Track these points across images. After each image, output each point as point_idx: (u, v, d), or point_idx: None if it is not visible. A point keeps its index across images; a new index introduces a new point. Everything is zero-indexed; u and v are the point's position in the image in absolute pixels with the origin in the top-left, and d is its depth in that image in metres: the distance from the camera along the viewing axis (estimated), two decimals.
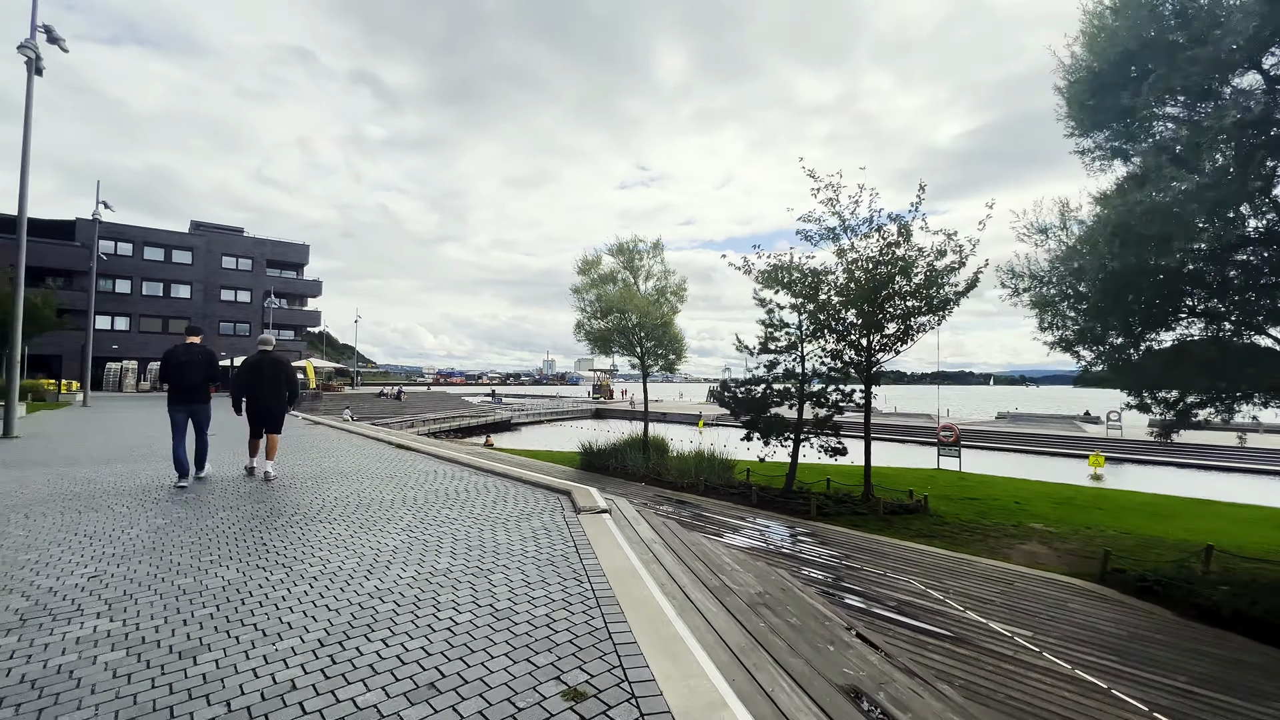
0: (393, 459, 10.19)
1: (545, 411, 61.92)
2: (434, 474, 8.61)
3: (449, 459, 10.01)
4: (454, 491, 7.28)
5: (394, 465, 9.44)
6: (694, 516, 12.21)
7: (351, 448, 11.80)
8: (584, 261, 18.51)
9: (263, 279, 55.24)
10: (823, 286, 13.38)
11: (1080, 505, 14.92)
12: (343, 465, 9.32)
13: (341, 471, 8.71)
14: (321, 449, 11.51)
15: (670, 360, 17.85)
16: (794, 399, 13.97)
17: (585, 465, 18.21)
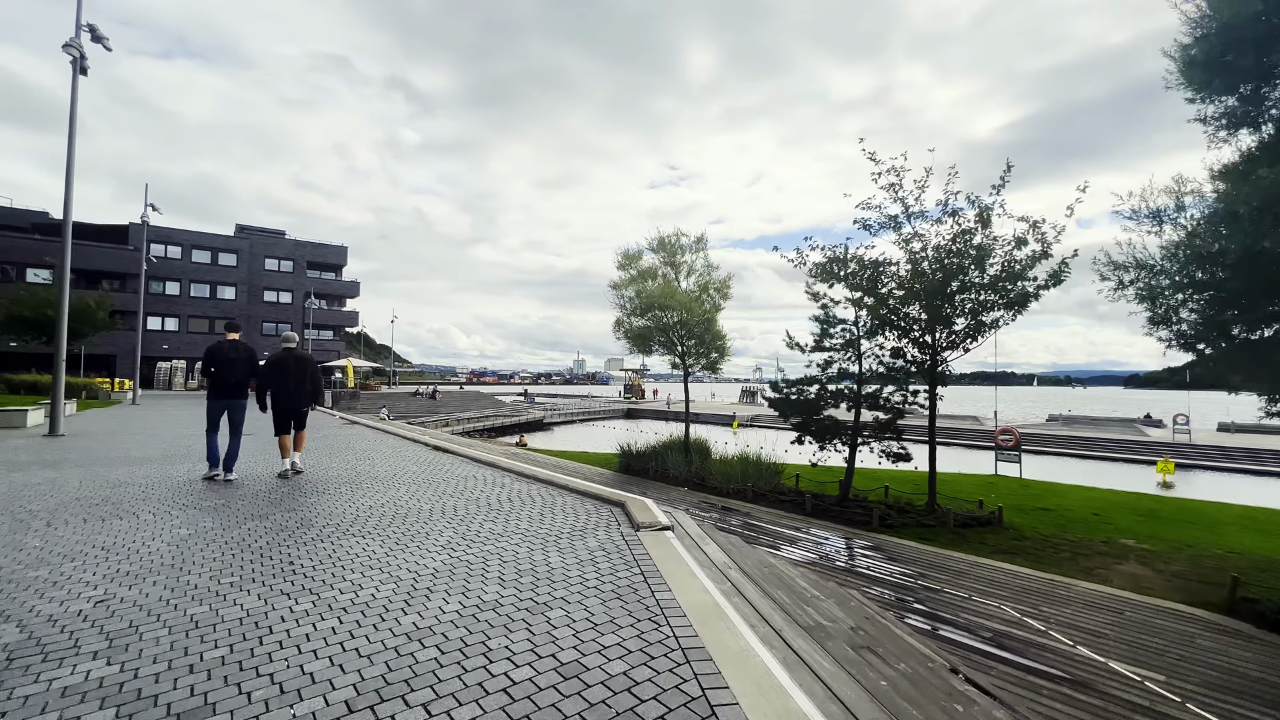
0: (429, 462, 9.70)
1: (577, 411, 61.70)
2: (473, 479, 8.05)
3: (488, 463, 9.47)
4: (496, 500, 6.69)
5: (431, 469, 8.93)
6: (745, 526, 11.43)
7: (387, 449, 11.38)
8: (624, 256, 17.85)
9: (303, 280, 56.36)
10: (883, 279, 12.39)
11: (1167, 518, 13.60)
12: (378, 468, 8.85)
13: (377, 476, 8.23)
14: (357, 450, 11.12)
15: (713, 360, 17.06)
16: (849, 400, 13.05)
17: (624, 468, 17.58)
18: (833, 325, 13.18)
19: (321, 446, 11.51)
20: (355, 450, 11.11)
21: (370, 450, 11.17)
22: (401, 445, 12.12)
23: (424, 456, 10.39)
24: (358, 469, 8.80)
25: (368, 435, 14.10)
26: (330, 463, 9.40)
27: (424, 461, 9.73)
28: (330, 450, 11.04)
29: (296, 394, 8.04)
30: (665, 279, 17.28)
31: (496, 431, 44.74)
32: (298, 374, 8.06)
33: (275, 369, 7.99)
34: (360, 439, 13.18)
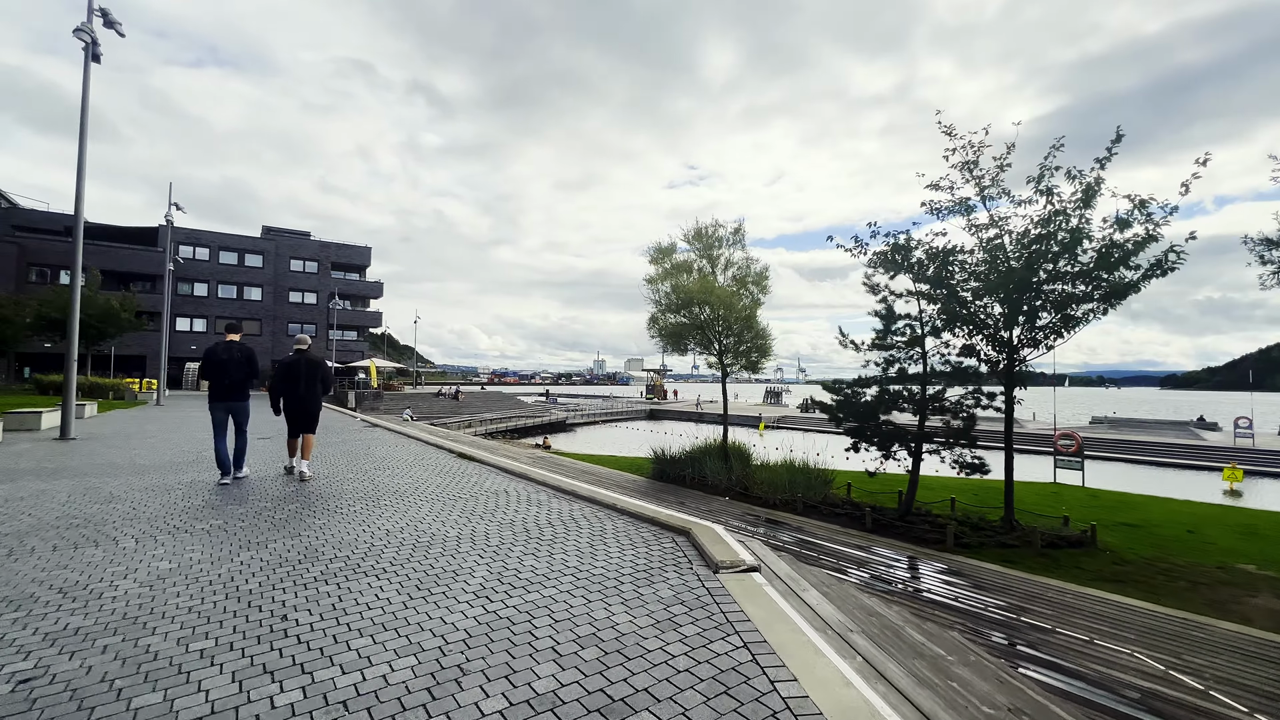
0: (454, 472, 8.75)
1: (599, 412, 60.75)
2: (504, 495, 7.06)
3: (519, 474, 8.48)
4: (535, 525, 5.68)
5: (456, 481, 7.97)
6: (800, 544, 10.29)
7: (409, 456, 10.48)
8: (657, 249, 16.78)
9: (327, 281, 56.41)
10: (955, 269, 11.11)
11: (1271, 537, 12.10)
12: (398, 481, 7.92)
13: (396, 490, 7.29)
14: (377, 457, 10.24)
15: (754, 359, 15.90)
16: (911, 403, 11.80)
17: (657, 474, 16.52)
18: (896, 320, 11.89)
19: (340, 453, 10.67)
20: (374, 457, 10.22)
21: (390, 457, 10.28)
22: (423, 451, 11.23)
23: (447, 465, 9.45)
24: (375, 481, 7.88)
25: (388, 440, 13.26)
26: (347, 472, 8.50)
27: (448, 471, 8.78)
28: (348, 457, 10.17)
29: (308, 396, 7.93)
30: (701, 273, 16.20)
31: (519, 433, 44.06)
32: (309, 376, 7.94)
33: (287, 372, 7.85)
34: (380, 444, 12.33)
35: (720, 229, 16.12)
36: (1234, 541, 11.64)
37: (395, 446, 11.90)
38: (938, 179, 11.50)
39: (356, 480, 7.92)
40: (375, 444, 12.31)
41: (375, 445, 12.07)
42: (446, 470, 8.88)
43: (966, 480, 16.87)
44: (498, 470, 8.98)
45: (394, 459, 10.07)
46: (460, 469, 9.04)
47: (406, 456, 10.43)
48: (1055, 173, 10.00)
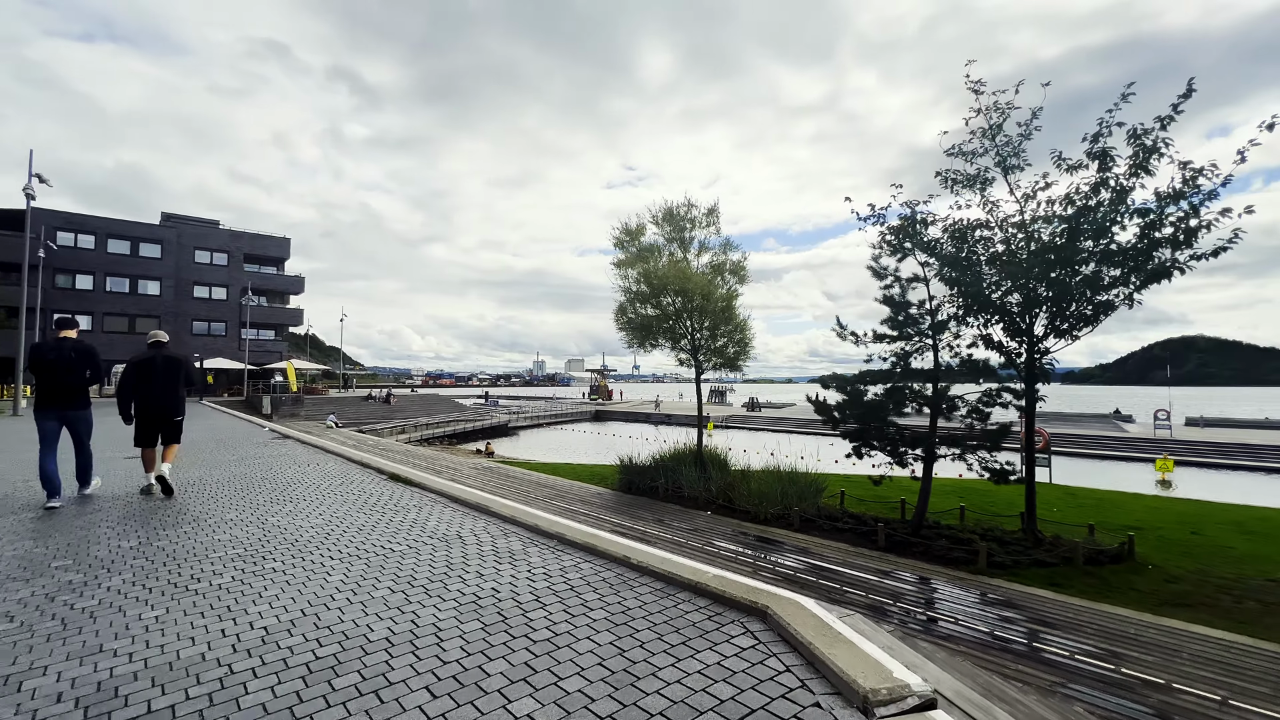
0: (384, 504, 6.53)
1: (543, 414, 58.05)
2: (459, 543, 4.97)
3: (474, 505, 6.36)
4: (514, 603, 3.65)
5: (387, 519, 5.78)
6: (812, 571, 8.66)
7: (325, 479, 8.10)
8: (623, 230, 14.84)
9: (239, 275, 51.03)
10: (977, 246, 9.80)
11: (1272, 535, 11.59)
12: (301, 522, 5.65)
13: (295, 538, 5.05)
14: (280, 483, 7.81)
15: (733, 355, 14.24)
16: (920, 402, 10.44)
17: (625, 486, 14.61)
18: (908, 309, 10.46)
19: (229, 476, 8.14)
20: (276, 483, 7.78)
21: (298, 482, 7.86)
22: (344, 472, 8.84)
23: (375, 492, 7.19)
24: (267, 523, 5.56)
25: (301, 457, 10.69)
26: (230, 510, 6.12)
27: (375, 503, 6.55)
28: (240, 483, 7.68)
29: (165, 400, 6.91)
30: (672, 258, 14.44)
31: (457, 438, 40.99)
32: (168, 377, 6.92)
33: (140, 371, 6.83)
34: (289, 463, 9.79)
35: (694, 209, 14.42)
36: (1242, 542, 11.01)
37: (307, 466, 9.42)
38: (957, 145, 10.22)
39: (239, 522, 5.59)
40: (282, 463, 9.77)
41: (281, 465, 9.54)
42: (373, 501, 6.64)
43: (955, 482, 15.86)
44: (443, 499, 6.81)
45: (303, 485, 7.68)
46: (392, 498, 6.81)
47: (320, 480, 8.05)
48: (1114, 131, 8.76)
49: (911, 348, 10.52)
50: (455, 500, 6.67)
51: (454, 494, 6.85)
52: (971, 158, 10.16)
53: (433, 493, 7.16)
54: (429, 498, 6.87)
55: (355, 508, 6.25)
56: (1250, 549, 10.68)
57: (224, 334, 49.99)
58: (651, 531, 10.76)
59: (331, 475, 8.47)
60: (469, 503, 6.45)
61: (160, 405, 6.88)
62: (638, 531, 10.80)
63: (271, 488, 7.41)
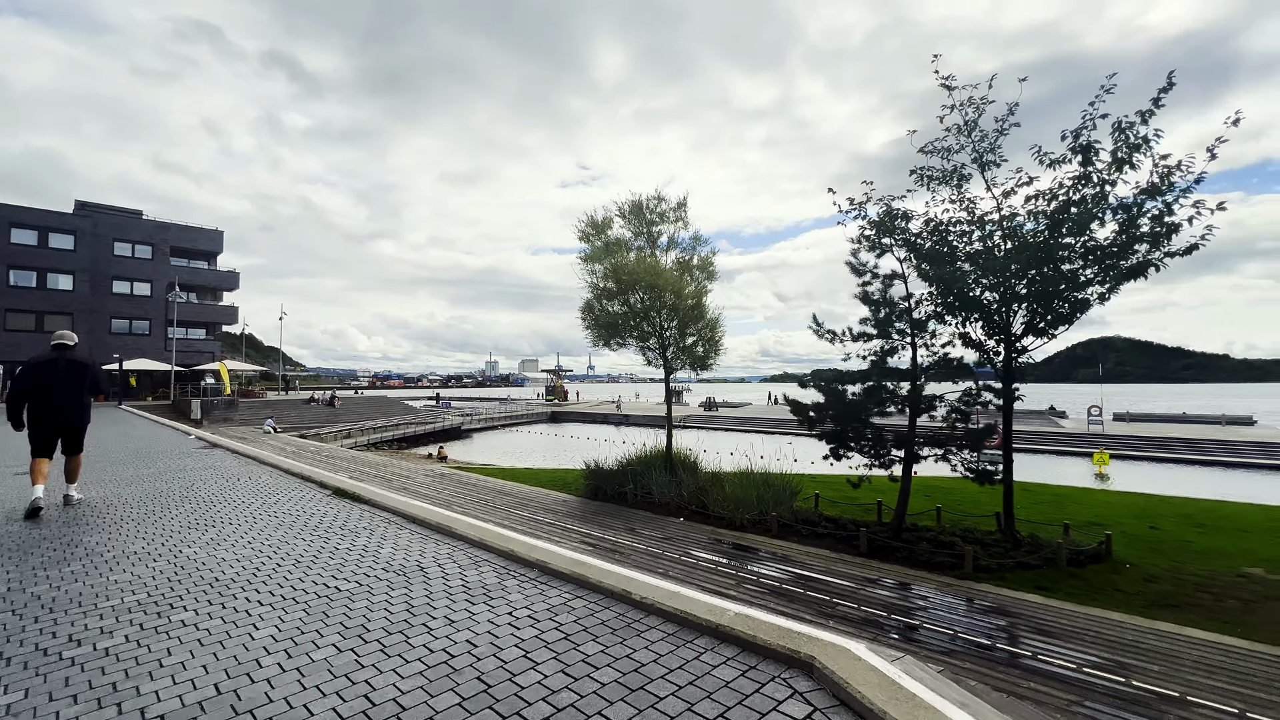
0: (329, 527, 5.64)
1: (497, 416, 56.39)
2: (421, 577, 4.18)
3: (441, 528, 5.55)
4: (502, 668, 2.93)
5: (333, 551, 4.92)
6: (797, 581, 8.20)
7: (255, 499, 7.08)
8: (590, 223, 14.06)
9: (165, 269, 47.41)
10: (958, 242, 9.57)
11: (1225, 530, 11.93)
12: (225, 553, 4.72)
13: (216, 579, 4.14)
14: (202, 502, 6.75)
15: (703, 354, 13.70)
16: (898, 402, 10.16)
17: (591, 492, 13.89)
18: (887, 306, 10.14)
19: (145, 494, 7.01)
20: (196, 504, 6.71)
21: (224, 502, 6.82)
22: (280, 486, 7.80)
23: (319, 514, 6.26)
24: (181, 558, 4.61)
25: (230, 469, 9.51)
26: (136, 540, 5.10)
27: (318, 527, 5.64)
28: (153, 506, 6.58)
29: (67, 407, 6.31)
30: (640, 253, 13.78)
31: (408, 441, 39.24)
32: (71, 382, 6.29)
33: (38, 374, 6.18)
34: (215, 477, 8.63)
35: (662, 203, 13.81)
36: (1197, 535, 11.26)
37: (237, 480, 8.31)
38: (930, 143, 9.98)
39: (146, 556, 4.61)
40: (207, 476, 8.61)
41: (206, 479, 8.38)
42: (314, 522, 5.72)
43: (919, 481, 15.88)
44: (398, 519, 5.95)
45: (230, 504, 6.65)
46: (337, 518, 5.91)
47: (251, 498, 7.02)
48: (1097, 124, 8.61)
49: (890, 346, 10.27)
50: (413, 520, 5.84)
51: (411, 513, 6.01)
52: (948, 154, 9.98)
53: (386, 511, 6.28)
54: (381, 517, 6.00)
55: (292, 533, 5.34)
56: (1208, 543, 10.90)
57: (148, 333, 46.37)
58: (624, 542, 10.11)
59: (265, 490, 7.43)
60: (429, 524, 5.64)
61: (61, 415, 6.28)
62: (609, 542, 10.13)
63: (191, 509, 6.36)
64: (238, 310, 53.10)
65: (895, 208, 10.11)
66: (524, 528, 10.87)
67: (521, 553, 4.56)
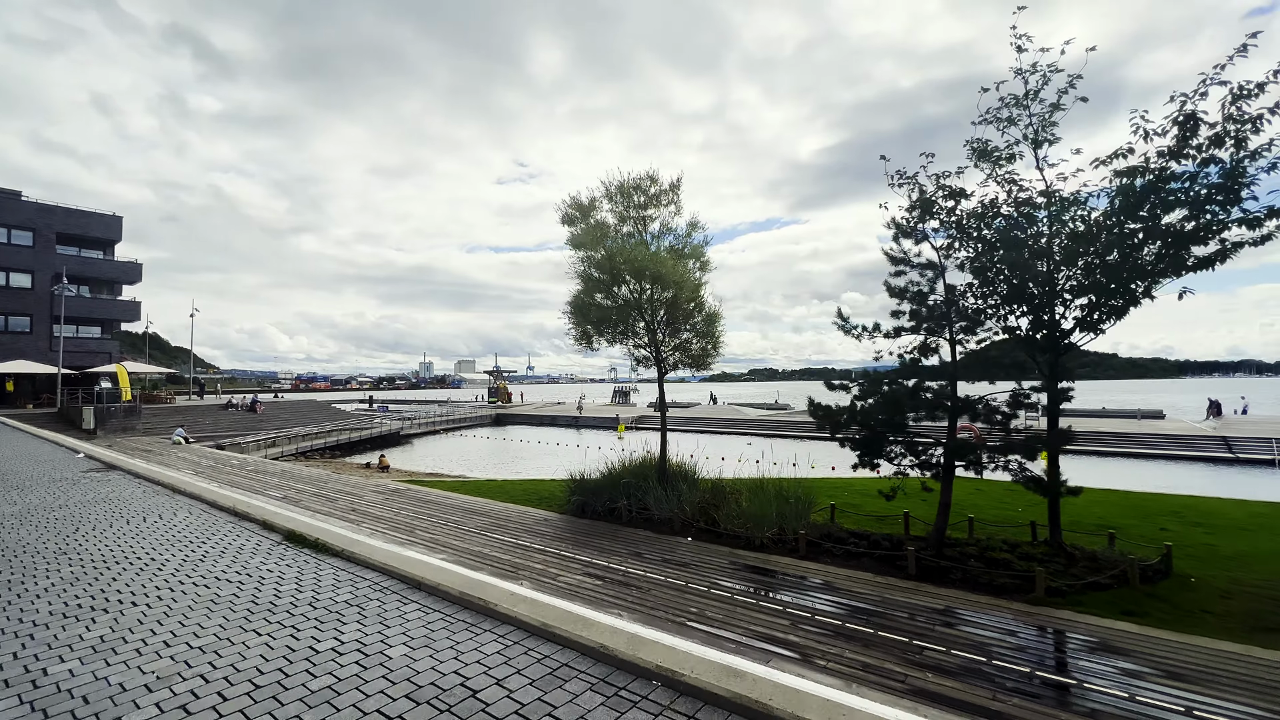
0: (296, 609, 3.86)
1: (439, 420, 53.06)
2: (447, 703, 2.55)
3: (468, 601, 3.87)
4: None
5: (312, 660, 3.17)
6: (857, 616, 6.97)
7: (172, 555, 5.10)
8: (573, 205, 12.35)
9: (50, 258, 41.65)
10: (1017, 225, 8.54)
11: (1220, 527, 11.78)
12: (122, 680, 2.90)
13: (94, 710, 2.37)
14: (86, 564, 4.73)
15: (702, 351, 12.29)
16: (933, 404, 9.14)
17: (577, 509, 12.25)
18: (926, 298, 9.04)
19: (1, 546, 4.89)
20: (78, 566, 4.69)
21: (120, 562, 4.82)
22: (207, 532, 5.80)
23: (271, 582, 4.42)
24: (41, 687, 2.77)
25: (133, 503, 7.30)
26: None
27: (276, 608, 3.84)
28: (10, 567, 4.51)
29: None
30: (628, 240, 12.24)
31: (342, 449, 35.86)
32: None
33: None
34: (109, 518, 6.46)
35: (654, 185, 12.33)
36: (1207, 538, 10.93)
37: (143, 523, 6.20)
38: (990, 110, 8.99)
39: None
40: (100, 517, 6.43)
41: (99, 522, 6.22)
42: (272, 602, 3.92)
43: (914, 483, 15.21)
44: (396, 582, 4.22)
45: (133, 567, 4.67)
46: (305, 587, 4.12)
47: (168, 554, 5.04)
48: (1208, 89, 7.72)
49: (934, 343, 9.27)
50: (418, 585, 4.13)
51: (414, 573, 4.28)
52: (1005, 126, 9.04)
53: (371, 569, 4.52)
54: (368, 582, 4.26)
55: (239, 623, 3.53)
56: (1231, 546, 10.55)
57: (28, 330, 40.56)
58: (635, 572, 8.62)
59: (186, 538, 5.44)
60: (416, 580, 3.96)
61: None
62: (617, 573, 8.61)
63: (71, 575, 4.37)
64: (140, 306, 47.46)
65: (947, 185, 9.11)
66: (511, 556, 9.17)
67: (559, 627, 3.00)
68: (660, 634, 3.06)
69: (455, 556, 9.12)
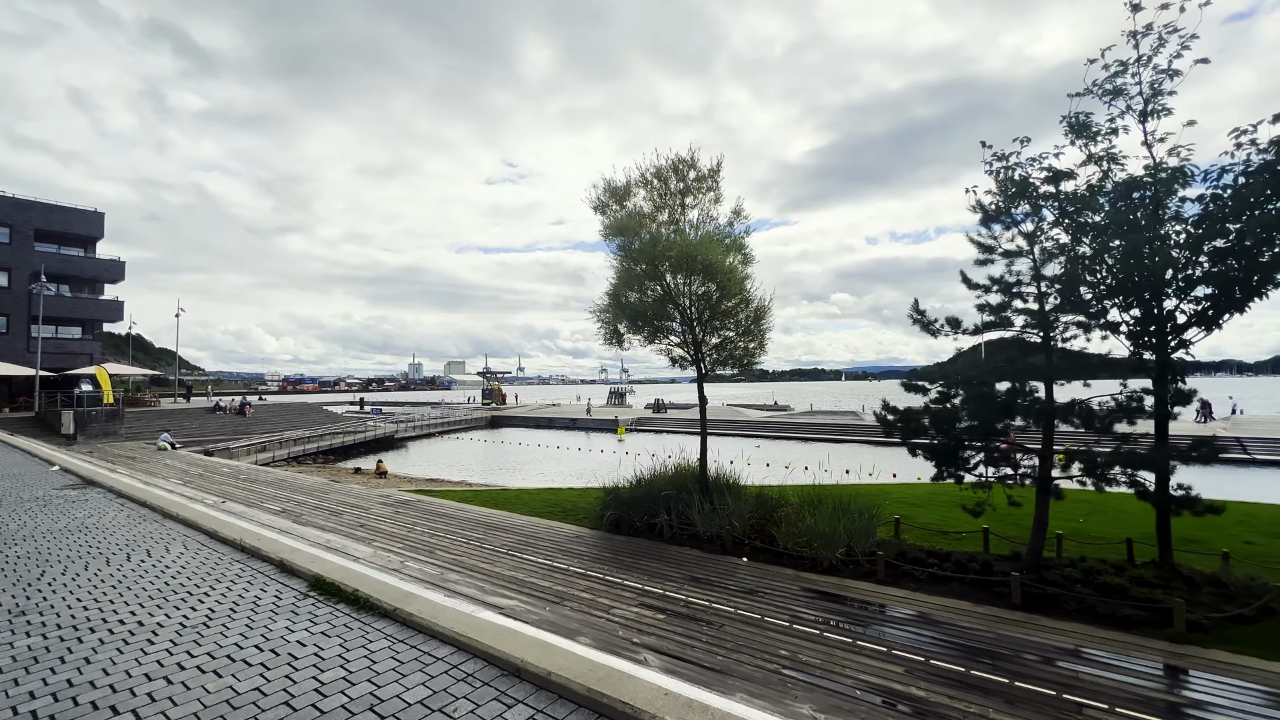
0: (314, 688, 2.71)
1: (433, 422, 51.60)
2: None
3: (550, 682, 2.75)
4: None
5: None
6: (982, 662, 5.92)
7: (155, 599, 3.95)
8: (606, 190, 11.18)
9: (29, 255, 39.79)
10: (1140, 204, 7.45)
11: None
12: None
13: None
14: (50, 628, 3.57)
15: (748, 351, 11.13)
16: (1028, 409, 8.06)
17: (612, 524, 11.14)
18: (1023, 288, 7.90)
19: None
20: (44, 629, 3.53)
21: (99, 628, 3.66)
22: (206, 576, 4.65)
23: (304, 664, 3.27)
24: None
25: (115, 532, 6.10)
26: None
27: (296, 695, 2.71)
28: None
29: None
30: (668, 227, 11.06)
31: (335, 453, 34.45)
32: None
33: None
34: (84, 554, 5.27)
35: (693, 169, 11.14)
36: None
37: (124, 564, 5.02)
38: (1098, 81, 7.87)
39: None
40: (72, 554, 5.24)
41: (68, 561, 5.03)
42: (295, 686, 2.80)
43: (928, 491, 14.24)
44: (462, 654, 3.10)
45: (110, 633, 3.51)
46: (341, 656, 3.00)
47: (153, 610, 3.88)
48: None
49: (1044, 337, 8.15)
50: (483, 655, 3.00)
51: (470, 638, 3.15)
52: (1110, 98, 7.98)
53: (419, 631, 3.39)
54: (416, 648, 3.13)
55: None
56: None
57: (4, 331, 38.70)
58: (698, 601, 7.53)
59: (178, 587, 4.28)
60: (513, 664, 2.83)
61: None
62: (677, 601, 7.52)
63: (27, 654, 3.21)
64: (123, 305, 45.55)
65: (1046, 167, 8.05)
66: (551, 582, 8.05)
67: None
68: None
69: (487, 583, 7.97)
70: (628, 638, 6.01)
